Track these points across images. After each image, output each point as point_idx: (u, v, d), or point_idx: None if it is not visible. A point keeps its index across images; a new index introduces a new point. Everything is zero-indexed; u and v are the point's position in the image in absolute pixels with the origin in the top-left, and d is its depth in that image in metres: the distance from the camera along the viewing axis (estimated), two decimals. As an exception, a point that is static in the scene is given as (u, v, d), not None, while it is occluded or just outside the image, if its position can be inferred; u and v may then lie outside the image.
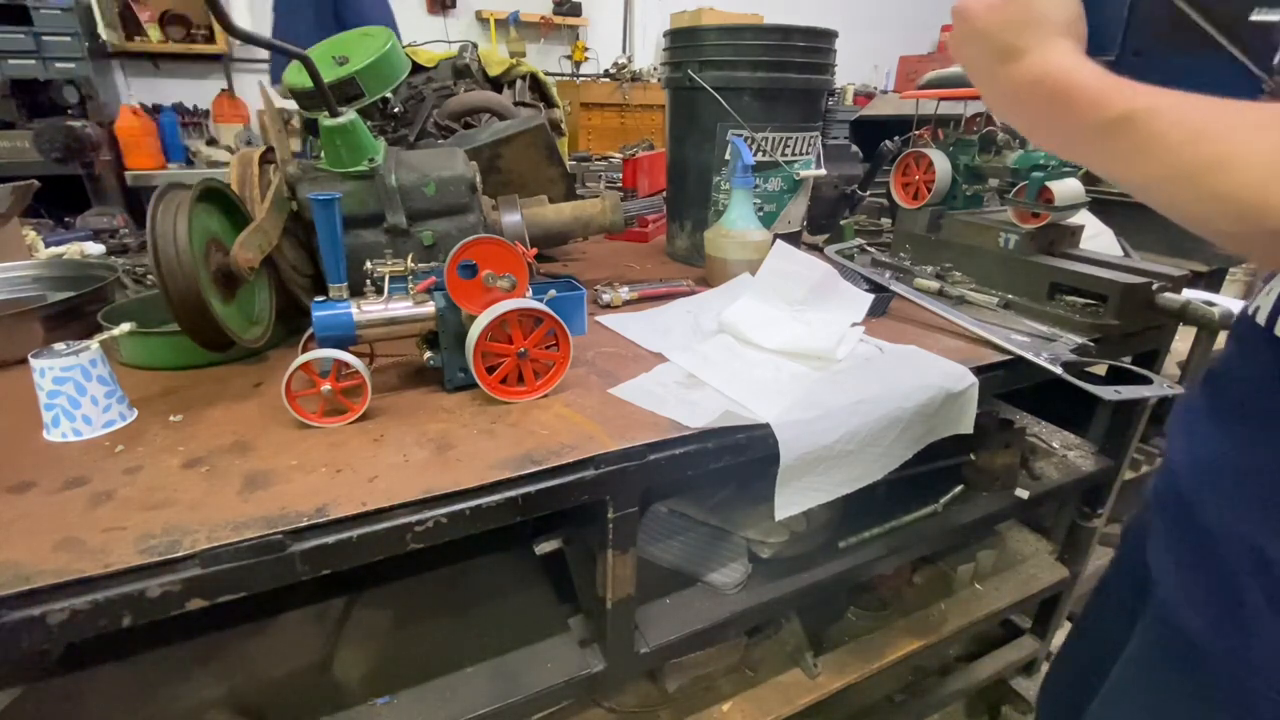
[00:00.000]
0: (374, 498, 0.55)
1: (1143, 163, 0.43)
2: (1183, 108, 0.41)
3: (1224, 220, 0.39)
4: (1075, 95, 0.46)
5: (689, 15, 4.49)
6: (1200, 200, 0.40)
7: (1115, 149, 0.44)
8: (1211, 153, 0.39)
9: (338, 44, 0.94)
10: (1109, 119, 0.44)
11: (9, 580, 0.45)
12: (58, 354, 0.63)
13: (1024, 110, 0.51)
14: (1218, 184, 0.38)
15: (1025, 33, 0.49)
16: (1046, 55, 0.48)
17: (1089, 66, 0.47)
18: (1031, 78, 0.48)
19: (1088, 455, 1.24)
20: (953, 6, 0.53)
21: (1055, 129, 0.50)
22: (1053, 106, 0.48)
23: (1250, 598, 0.47)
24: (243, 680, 0.78)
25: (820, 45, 1.17)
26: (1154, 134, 0.42)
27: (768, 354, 0.87)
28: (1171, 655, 0.56)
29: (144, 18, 3.50)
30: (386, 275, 0.73)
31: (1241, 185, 0.37)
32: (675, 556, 0.92)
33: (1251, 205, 0.37)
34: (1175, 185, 0.41)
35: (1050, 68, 0.47)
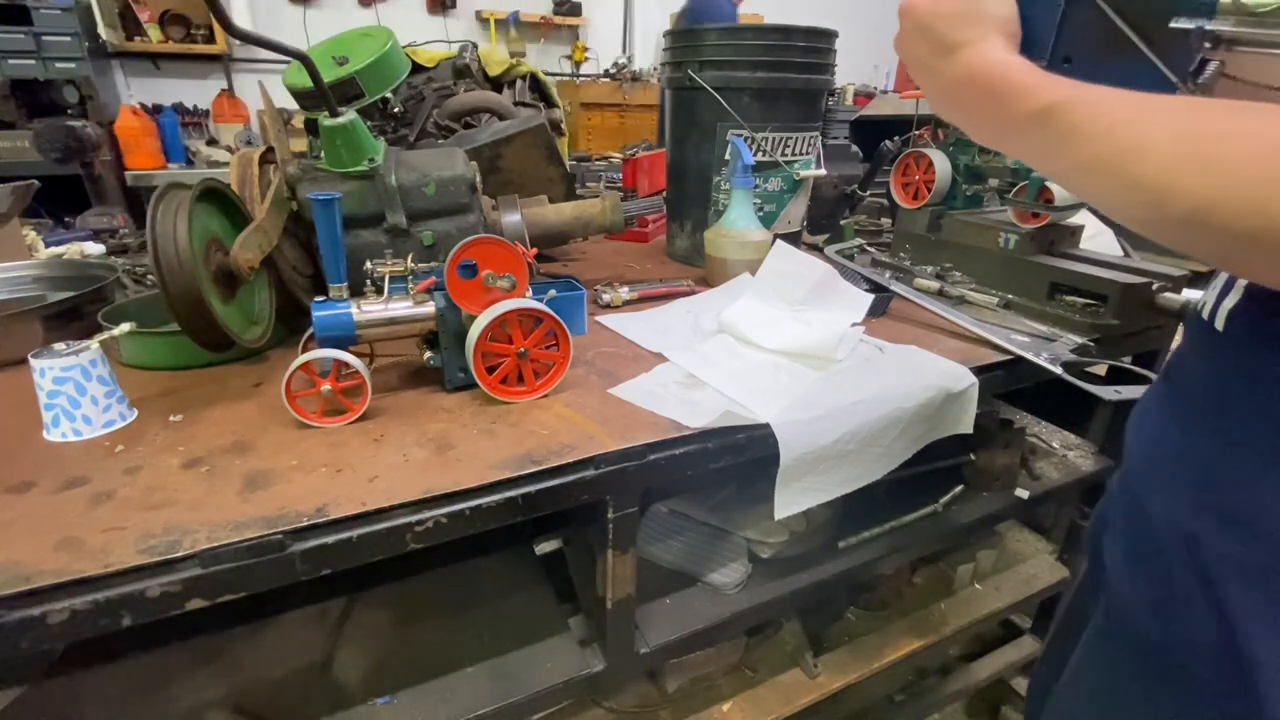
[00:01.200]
0: (374, 498, 0.55)
1: (1066, 152, 0.44)
2: (1103, 99, 0.43)
3: (1138, 208, 0.40)
4: (1005, 88, 0.48)
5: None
6: (1118, 188, 0.41)
7: (1041, 139, 0.46)
8: (1125, 141, 0.40)
9: (338, 44, 0.94)
10: (1034, 110, 0.45)
11: (9, 580, 0.45)
12: (58, 354, 0.63)
13: (961, 105, 0.53)
14: (1131, 171, 0.40)
15: (963, 28, 0.51)
16: (982, 50, 0.50)
17: (1019, 62, 0.49)
18: (967, 73, 0.51)
19: (1088, 455, 1.24)
20: (899, 5, 0.55)
21: (988, 122, 0.51)
22: (985, 100, 0.50)
23: (1183, 581, 0.48)
24: (243, 680, 0.78)
25: (820, 45, 1.17)
26: (1075, 124, 0.43)
27: (768, 354, 0.87)
28: (1118, 640, 0.57)
29: (144, 18, 3.50)
30: (386, 275, 0.73)
31: (1147, 171, 0.39)
32: (675, 556, 0.92)
33: (1156, 191, 0.38)
34: (1095, 174, 0.43)
35: (985, 62, 0.49)
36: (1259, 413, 0.44)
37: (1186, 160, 0.37)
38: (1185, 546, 0.48)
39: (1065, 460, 1.22)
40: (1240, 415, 0.46)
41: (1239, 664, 0.45)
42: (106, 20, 3.31)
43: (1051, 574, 1.32)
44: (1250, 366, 0.45)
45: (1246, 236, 0.35)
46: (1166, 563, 0.50)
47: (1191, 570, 0.48)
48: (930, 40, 0.53)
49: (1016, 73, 0.48)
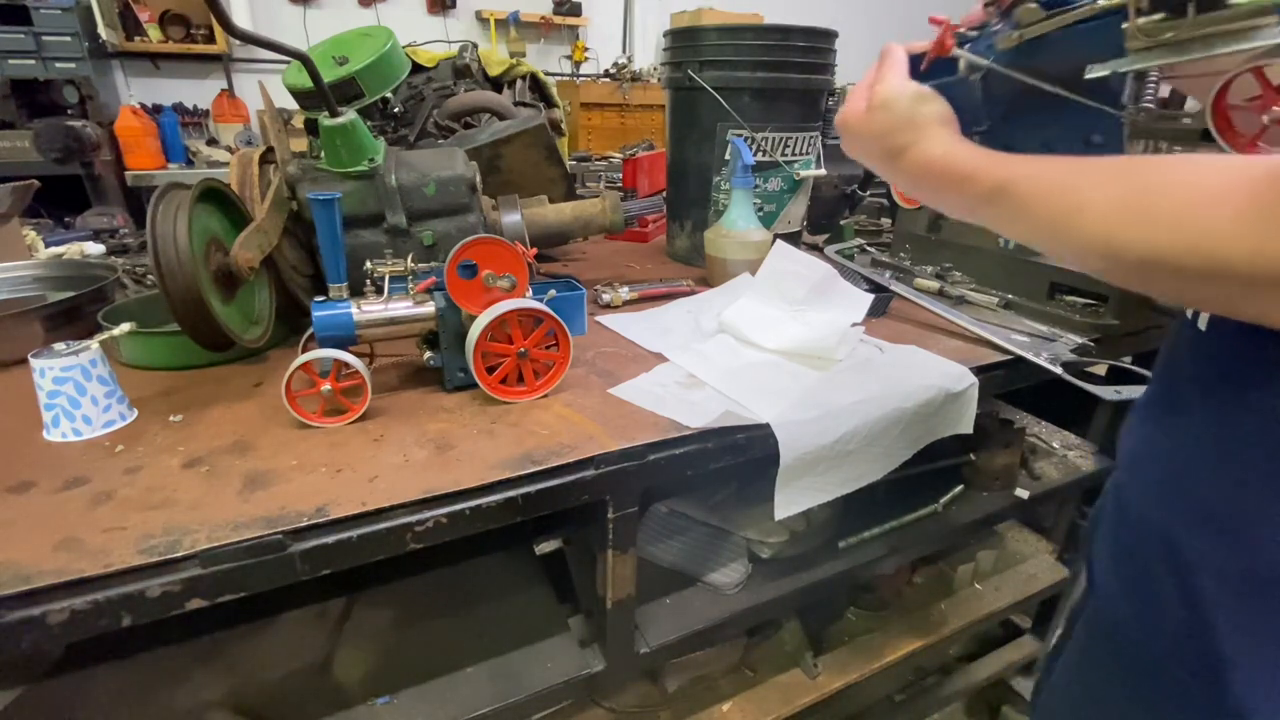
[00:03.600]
0: (374, 498, 0.55)
1: (1020, 222, 0.49)
2: (1042, 172, 0.47)
3: (1093, 260, 0.44)
4: (956, 178, 0.52)
5: (689, 15, 4.49)
6: (1068, 246, 0.46)
7: (998, 214, 0.50)
8: (1066, 204, 0.44)
9: (338, 44, 0.94)
10: (985, 192, 0.50)
11: (9, 580, 0.45)
12: (58, 354, 0.63)
13: (922, 191, 0.57)
14: (1075, 230, 0.44)
15: (901, 134, 0.55)
16: (925, 149, 0.54)
17: (964, 149, 0.53)
18: (918, 168, 0.55)
19: (1088, 455, 1.24)
20: (838, 121, 0.60)
21: (952, 204, 0.55)
22: (942, 186, 0.54)
23: (1161, 580, 0.50)
24: (243, 680, 0.78)
25: (820, 45, 1.17)
26: (1022, 196, 0.47)
27: (768, 354, 0.87)
28: (1101, 638, 0.58)
29: (144, 18, 3.50)
30: (386, 275, 0.73)
31: (1094, 229, 0.42)
32: (675, 556, 0.92)
33: (1107, 244, 0.42)
34: (1047, 236, 0.47)
35: (929, 158, 0.53)
36: (1237, 413, 0.45)
37: (1130, 216, 0.40)
38: (1164, 546, 0.50)
39: (1065, 460, 1.22)
40: (1219, 416, 0.47)
41: (1214, 663, 0.46)
42: (106, 20, 3.31)
43: (1051, 574, 1.32)
44: (1229, 366, 0.46)
45: (1196, 278, 0.38)
46: (1145, 561, 0.52)
47: (1170, 569, 0.49)
48: (875, 150, 0.58)
49: (961, 162, 0.52)
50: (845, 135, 0.60)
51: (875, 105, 0.55)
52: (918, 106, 0.55)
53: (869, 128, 0.56)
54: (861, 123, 0.57)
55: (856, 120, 0.57)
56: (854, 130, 0.58)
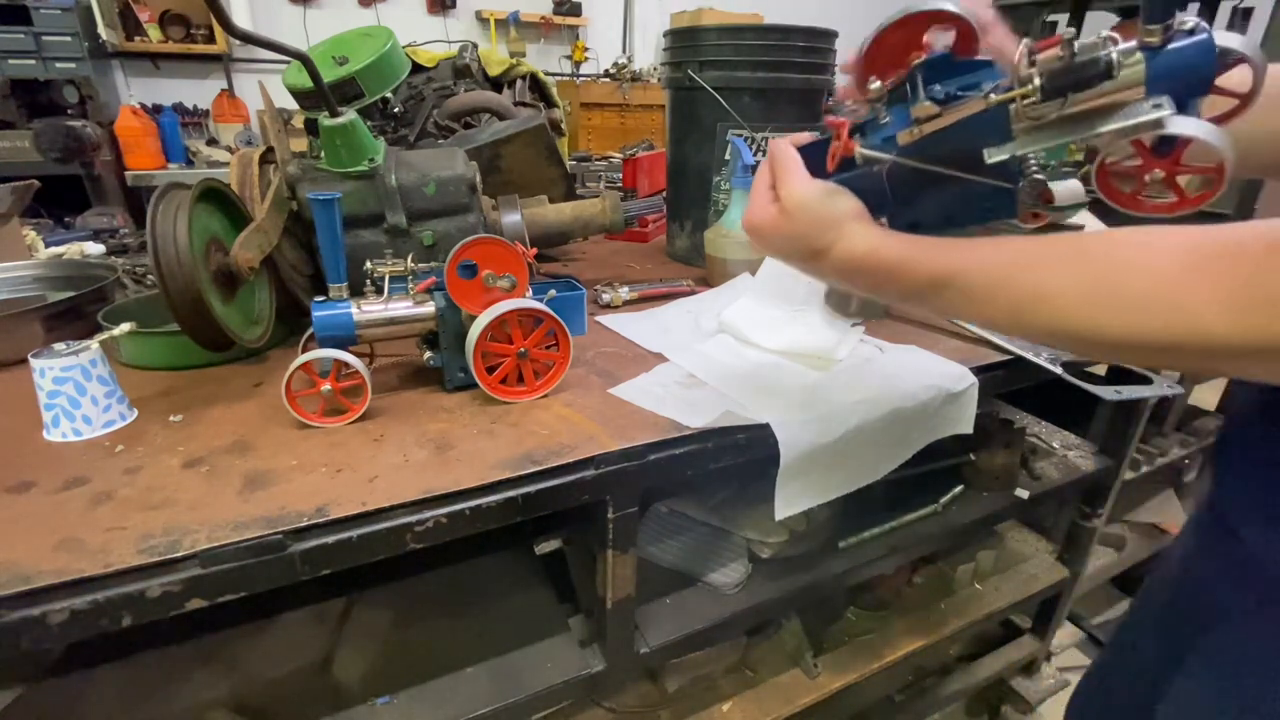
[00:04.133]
0: (374, 498, 0.55)
1: (970, 309, 0.48)
2: (983, 261, 0.47)
3: (1063, 344, 0.44)
4: (885, 273, 0.51)
5: (689, 15, 4.49)
6: (1034, 332, 0.45)
7: (939, 304, 0.50)
8: (1023, 294, 0.44)
9: (338, 44, 0.94)
10: (921, 285, 0.49)
11: (9, 580, 0.45)
12: (58, 354, 0.63)
13: (852, 284, 0.56)
14: (1039, 318, 0.44)
15: (823, 233, 0.53)
16: (849, 244, 0.52)
17: (890, 241, 0.51)
18: (845, 265, 0.53)
19: (1088, 455, 1.24)
20: (747, 226, 0.57)
21: (887, 295, 0.55)
22: (875, 281, 0.53)
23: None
24: (243, 680, 0.78)
25: (820, 45, 1.17)
26: (968, 287, 0.47)
27: (768, 354, 0.87)
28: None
29: (144, 18, 3.50)
30: (386, 275, 0.73)
31: (1064, 316, 0.42)
32: (675, 556, 0.92)
33: (1078, 331, 0.42)
34: (1006, 323, 0.47)
35: (857, 252, 0.52)
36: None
37: (1099, 302, 0.41)
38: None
39: (1065, 460, 1.22)
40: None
41: None
42: (106, 20, 3.31)
43: (1051, 574, 1.32)
44: None
45: (1175, 352, 0.39)
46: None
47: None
48: (794, 252, 0.56)
49: (892, 256, 0.51)
50: (758, 240, 0.58)
51: (789, 209, 0.53)
52: (831, 204, 0.53)
53: (785, 231, 0.54)
54: (775, 227, 0.55)
55: (769, 225, 0.55)
56: (768, 235, 0.56)
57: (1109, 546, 1.70)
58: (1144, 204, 0.48)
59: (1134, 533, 1.74)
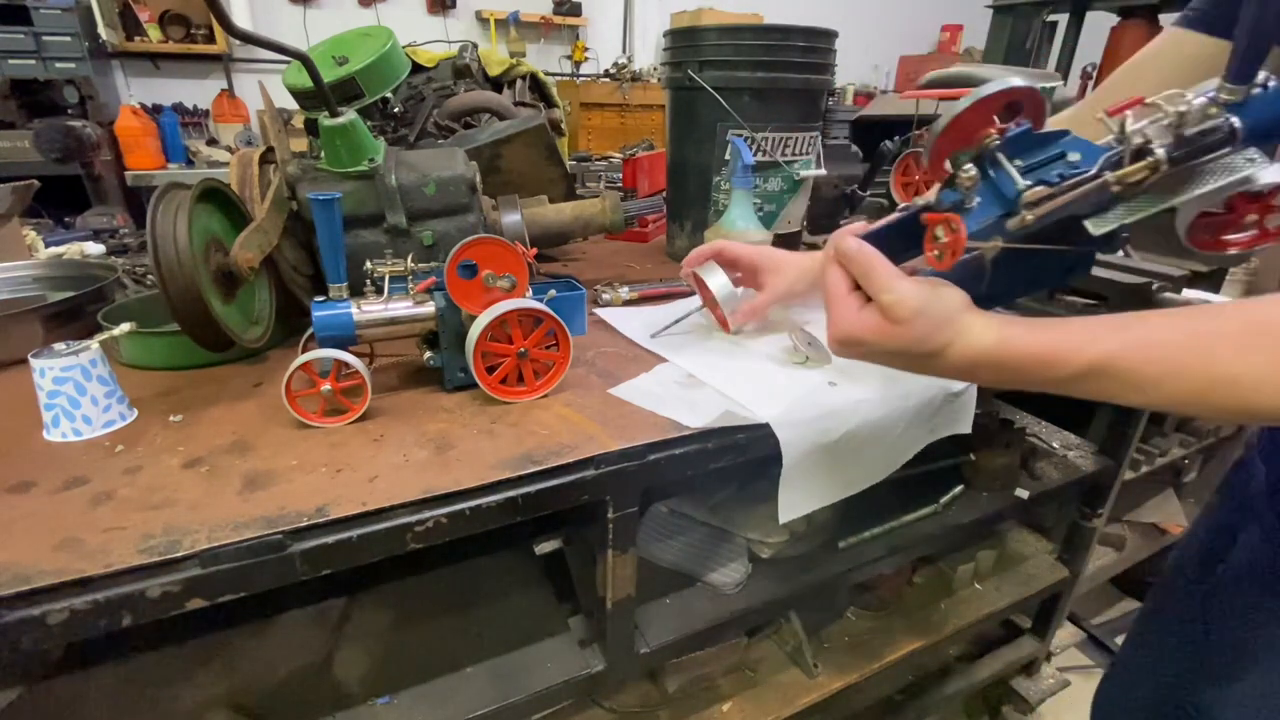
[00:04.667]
0: (374, 498, 0.55)
1: (1132, 396, 0.46)
2: (1147, 342, 0.44)
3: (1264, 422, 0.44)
4: (1021, 363, 0.48)
5: (689, 15, 4.50)
6: (1224, 414, 0.44)
7: (1090, 390, 0.47)
8: (1208, 377, 0.42)
9: (338, 44, 0.94)
10: (1073, 374, 0.46)
11: (9, 580, 0.45)
12: (58, 354, 0.63)
13: (972, 379, 0.54)
14: (1230, 402, 0.42)
15: (934, 334, 0.50)
16: (969, 340, 0.49)
17: (1014, 331, 0.48)
18: (967, 362, 0.50)
19: (1088, 455, 1.24)
20: (839, 338, 0.53)
21: (1016, 384, 0.51)
22: (1003, 374, 0.50)
23: None
24: (243, 680, 0.78)
25: (820, 45, 1.17)
26: (1127, 374, 0.45)
27: (767, 354, 0.87)
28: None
29: (144, 18, 3.50)
30: (386, 275, 0.73)
31: (1260, 399, 0.41)
32: (675, 556, 0.92)
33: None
34: (1181, 408, 0.45)
35: (978, 348, 0.49)
36: None
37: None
38: None
39: (1065, 460, 1.22)
40: None
41: None
42: (106, 20, 3.31)
43: (1051, 574, 1.32)
44: None
45: None
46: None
47: None
48: (906, 356, 0.52)
49: (1023, 348, 0.48)
50: (857, 351, 0.53)
51: (903, 315, 0.49)
52: (942, 301, 0.50)
53: (897, 339, 0.50)
54: (885, 336, 0.50)
55: (875, 334, 0.51)
56: (873, 344, 0.51)
57: (1109, 546, 1.71)
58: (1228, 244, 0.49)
59: (1134, 533, 1.74)
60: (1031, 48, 2.49)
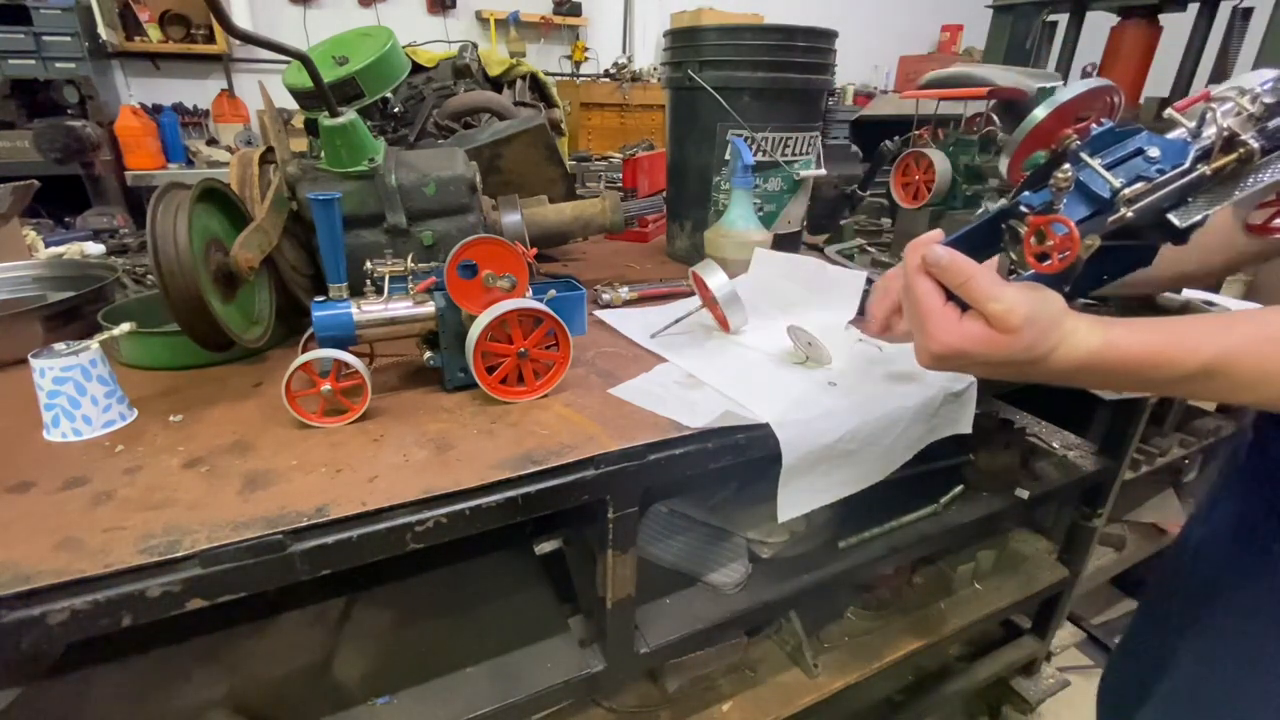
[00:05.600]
0: (374, 498, 0.55)
1: (1244, 394, 0.46)
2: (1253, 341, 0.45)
3: None
4: (1132, 365, 0.48)
5: (689, 15, 4.50)
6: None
7: (1204, 391, 0.47)
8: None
9: (338, 44, 0.94)
10: (1186, 374, 0.46)
11: (9, 580, 0.45)
12: (58, 354, 0.63)
13: (1079, 381, 0.52)
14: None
15: (1041, 341, 0.48)
16: (1073, 345, 0.49)
17: (1117, 333, 0.48)
18: (1071, 366, 0.49)
19: (1088, 455, 1.24)
20: (940, 353, 0.51)
21: (1122, 387, 0.53)
22: (1111, 376, 0.49)
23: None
24: (243, 680, 0.78)
25: (820, 45, 1.17)
26: (1244, 371, 0.45)
27: (767, 354, 0.87)
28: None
29: (144, 18, 3.50)
30: (386, 275, 0.73)
31: None
32: (675, 556, 0.92)
33: None
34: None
35: (1083, 351, 0.48)
36: None
37: None
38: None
39: (1065, 460, 1.22)
40: None
41: None
42: (106, 20, 3.31)
43: (1051, 574, 1.32)
44: None
45: None
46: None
47: None
48: (1010, 365, 0.50)
49: (1131, 350, 0.47)
50: (959, 363, 0.51)
51: (1014, 324, 0.47)
52: (1047, 306, 0.48)
53: (1006, 349, 0.48)
54: (992, 346, 0.48)
55: (982, 345, 0.49)
56: (982, 356, 0.49)
57: (1109, 546, 1.71)
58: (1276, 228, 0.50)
59: (1134, 533, 1.74)
60: (1031, 48, 2.49)
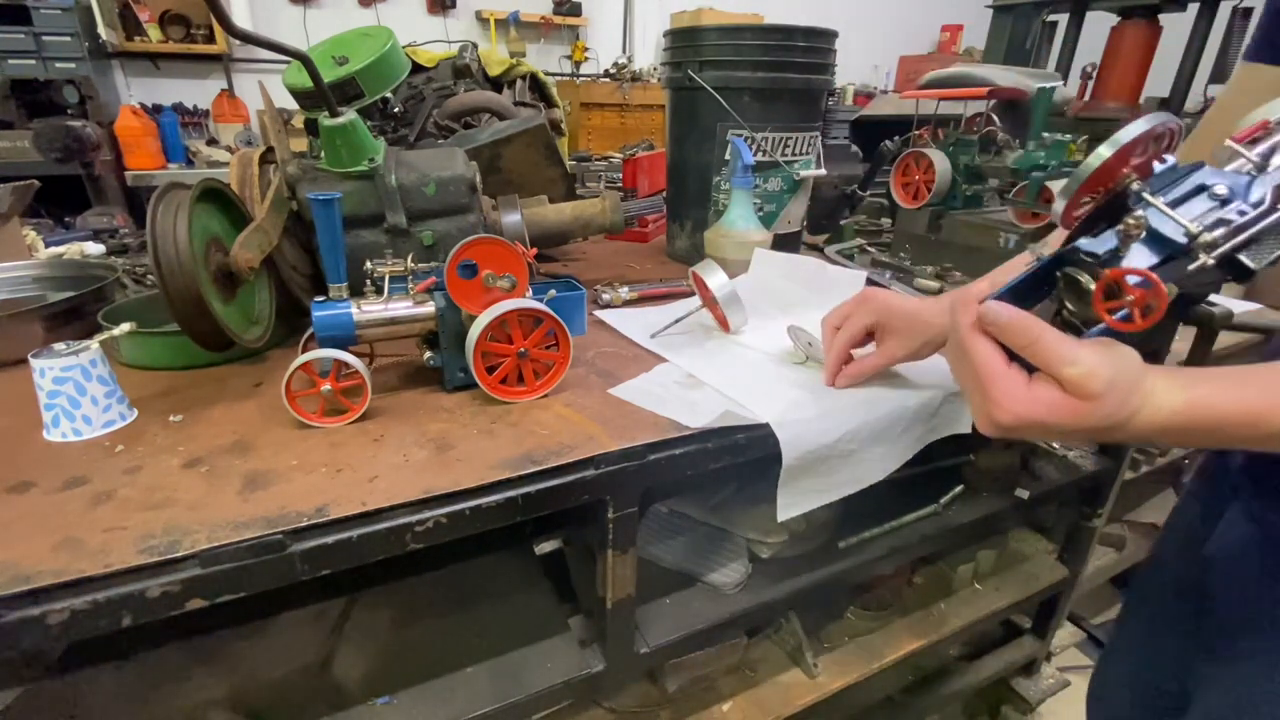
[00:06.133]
0: (374, 498, 0.55)
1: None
2: None
3: None
4: (1223, 424, 0.45)
5: (689, 15, 4.50)
6: None
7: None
8: None
9: (338, 44, 0.94)
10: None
11: (9, 580, 0.45)
12: (58, 354, 0.63)
13: (1160, 440, 0.50)
14: None
15: (1123, 405, 0.45)
16: (1156, 406, 0.45)
17: (1199, 390, 0.45)
18: (1153, 430, 0.46)
19: (1088, 455, 1.24)
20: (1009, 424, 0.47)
21: (1209, 444, 0.49)
22: (1197, 435, 0.47)
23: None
24: (243, 680, 0.78)
25: (820, 45, 1.17)
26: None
27: (767, 354, 0.87)
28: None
29: (144, 18, 3.50)
30: (386, 275, 0.73)
31: None
32: (675, 556, 0.92)
33: None
34: None
35: (1171, 412, 0.45)
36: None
37: None
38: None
39: (1065, 460, 1.22)
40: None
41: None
42: (106, 20, 3.31)
43: (1051, 574, 1.32)
44: None
45: None
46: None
47: None
48: (1085, 433, 0.47)
49: (1222, 409, 0.45)
50: (1033, 432, 0.48)
51: (1096, 390, 0.44)
52: (1126, 364, 0.45)
53: (1092, 417, 0.45)
54: (1078, 415, 0.45)
55: (1066, 415, 0.45)
56: (1058, 426, 0.46)
57: (1109, 546, 1.71)
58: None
59: (1134, 533, 1.74)
60: (1031, 48, 2.49)
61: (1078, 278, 0.47)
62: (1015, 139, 1.16)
